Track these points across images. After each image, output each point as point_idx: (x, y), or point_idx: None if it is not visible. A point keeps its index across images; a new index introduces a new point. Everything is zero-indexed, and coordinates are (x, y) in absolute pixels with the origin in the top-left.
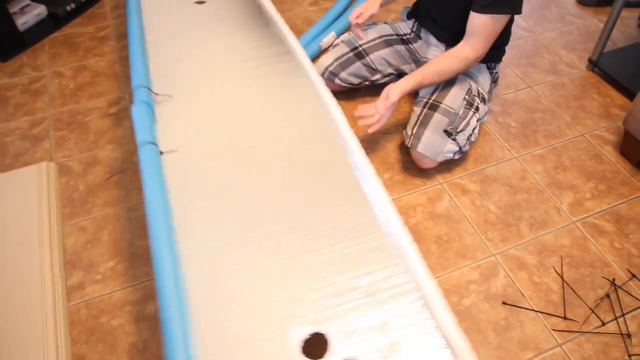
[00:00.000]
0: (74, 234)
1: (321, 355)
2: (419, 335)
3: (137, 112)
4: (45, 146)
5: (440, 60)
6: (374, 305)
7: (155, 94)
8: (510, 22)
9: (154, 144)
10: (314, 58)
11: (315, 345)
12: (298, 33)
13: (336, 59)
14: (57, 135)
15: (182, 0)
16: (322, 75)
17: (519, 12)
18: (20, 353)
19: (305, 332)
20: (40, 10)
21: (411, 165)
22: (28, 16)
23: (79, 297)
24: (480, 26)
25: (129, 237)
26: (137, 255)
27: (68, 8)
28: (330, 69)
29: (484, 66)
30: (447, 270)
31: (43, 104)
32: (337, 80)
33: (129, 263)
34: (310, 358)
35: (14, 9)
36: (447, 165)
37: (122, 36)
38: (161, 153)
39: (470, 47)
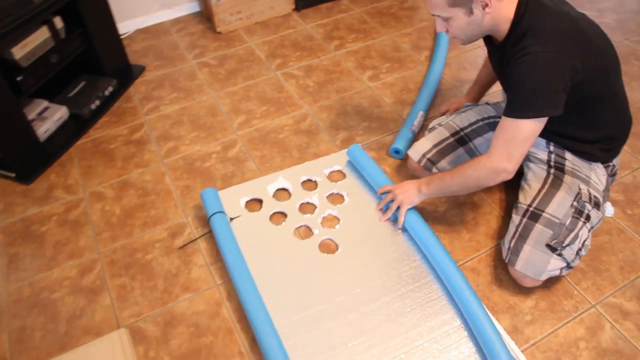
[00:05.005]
0: None
1: None
2: None
3: None
4: (104, 302)
5: (454, 170)
6: None
7: None
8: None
9: None
10: (410, 144)
11: None
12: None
13: (435, 145)
14: (116, 284)
15: (280, 231)
16: (419, 162)
17: (543, 114)
18: None
19: None
20: (62, 114)
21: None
22: (49, 122)
23: None
24: (500, 128)
25: None
26: None
27: (92, 106)
28: (428, 156)
29: (598, 163)
30: None
31: (88, 239)
32: (434, 170)
33: None
34: None
35: (31, 114)
36: (592, 279)
37: (162, 137)
38: None
39: (487, 152)
